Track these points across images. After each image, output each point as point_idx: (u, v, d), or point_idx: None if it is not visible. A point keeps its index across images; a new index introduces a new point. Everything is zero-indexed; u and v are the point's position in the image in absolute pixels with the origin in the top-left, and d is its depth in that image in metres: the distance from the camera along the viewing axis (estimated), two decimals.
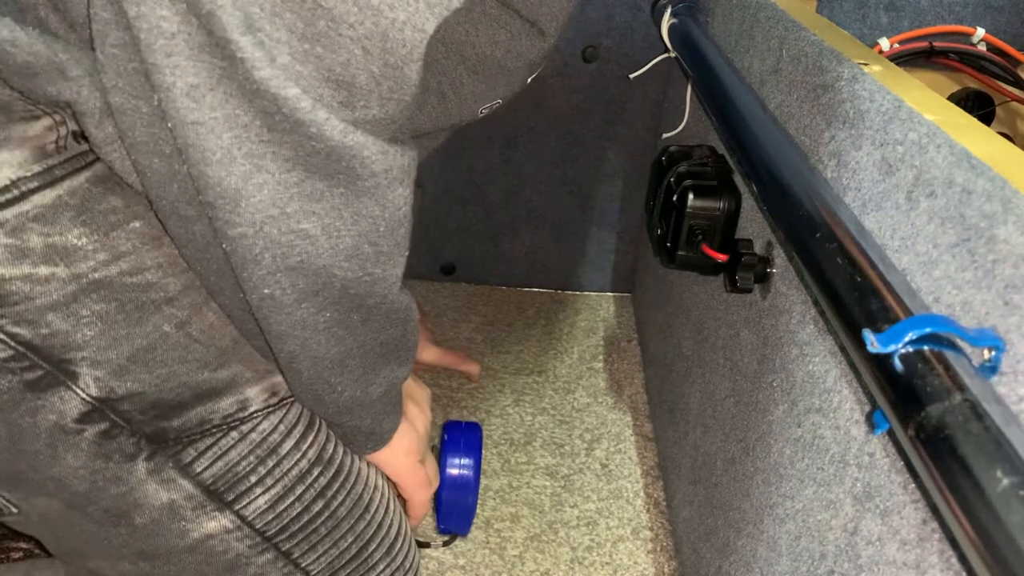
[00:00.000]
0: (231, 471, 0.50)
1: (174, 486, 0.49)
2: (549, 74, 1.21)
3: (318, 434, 0.54)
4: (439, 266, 1.39)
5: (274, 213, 0.39)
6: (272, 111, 0.36)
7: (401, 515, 0.61)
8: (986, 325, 0.33)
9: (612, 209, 1.33)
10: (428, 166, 0.83)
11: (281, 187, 0.39)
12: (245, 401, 0.50)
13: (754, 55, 0.68)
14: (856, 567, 0.44)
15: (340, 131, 0.38)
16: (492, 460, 1.02)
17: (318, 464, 0.53)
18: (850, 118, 0.48)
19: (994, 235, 0.33)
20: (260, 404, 0.51)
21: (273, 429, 0.51)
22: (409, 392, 0.61)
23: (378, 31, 0.36)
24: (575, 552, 0.91)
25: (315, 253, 0.42)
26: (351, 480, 0.56)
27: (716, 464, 0.74)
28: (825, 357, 0.50)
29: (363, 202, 0.41)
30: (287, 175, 0.39)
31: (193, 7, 0.34)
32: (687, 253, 0.70)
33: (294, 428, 0.52)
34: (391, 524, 0.59)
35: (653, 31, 1.04)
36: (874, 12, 1.12)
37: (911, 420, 0.31)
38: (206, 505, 0.50)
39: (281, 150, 0.38)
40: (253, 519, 0.52)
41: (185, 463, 0.49)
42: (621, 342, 1.28)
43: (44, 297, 0.42)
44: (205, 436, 0.49)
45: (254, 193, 0.39)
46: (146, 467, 0.48)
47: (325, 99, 0.37)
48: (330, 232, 0.41)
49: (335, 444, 0.55)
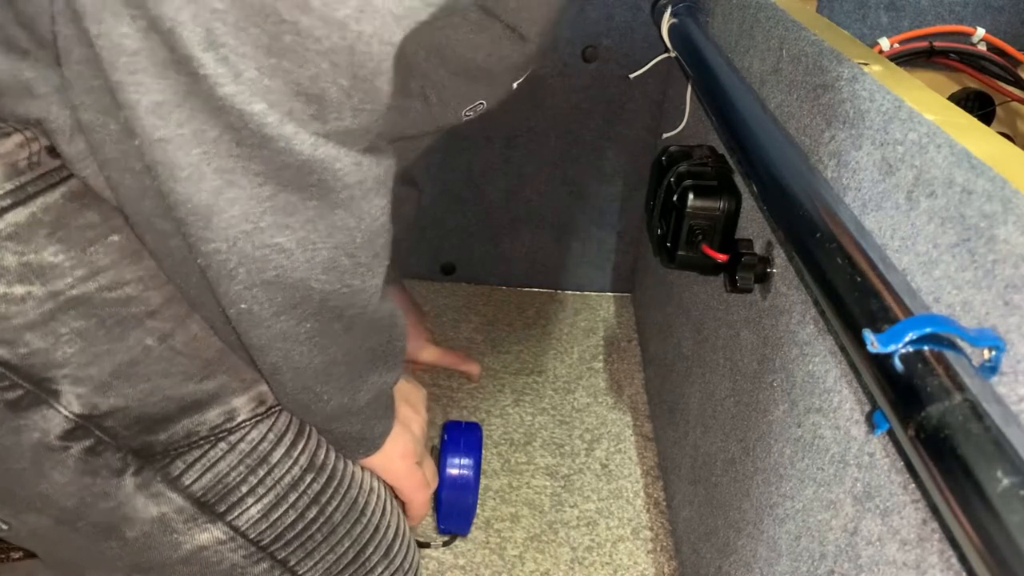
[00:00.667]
0: (221, 482, 0.50)
1: (163, 499, 0.49)
2: (549, 74, 1.21)
3: (309, 441, 0.53)
4: (439, 266, 1.39)
5: (247, 228, 0.39)
6: (239, 126, 0.36)
7: (399, 516, 0.61)
8: (986, 325, 0.33)
9: (612, 209, 1.33)
10: (424, 166, 0.84)
11: (253, 201, 0.39)
12: (232, 411, 0.50)
13: (754, 55, 0.68)
14: (856, 567, 0.44)
15: (310, 145, 0.37)
16: (492, 460, 1.02)
17: (310, 471, 0.53)
18: (850, 118, 0.48)
19: (994, 235, 0.33)
20: (248, 413, 0.50)
21: (262, 438, 0.51)
22: (403, 394, 0.61)
23: (345, 44, 0.35)
24: (575, 552, 0.91)
25: (291, 267, 0.41)
26: (345, 485, 0.55)
27: (716, 464, 0.74)
28: (825, 357, 0.50)
29: (338, 214, 0.41)
30: (259, 189, 0.38)
31: (154, 24, 0.34)
32: (687, 253, 0.70)
33: (284, 436, 0.52)
34: (388, 526, 0.59)
35: (653, 31, 1.04)
36: (874, 12, 1.12)
37: (911, 420, 0.31)
38: (197, 517, 0.50)
39: (251, 164, 0.38)
40: (246, 529, 0.51)
41: (174, 476, 0.48)
42: (621, 342, 1.28)
43: (20, 317, 0.42)
44: (193, 448, 0.49)
45: (226, 208, 0.38)
46: (134, 482, 0.48)
47: (295, 113, 0.37)
48: (305, 245, 0.41)
49: (327, 450, 0.55)
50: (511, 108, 1.24)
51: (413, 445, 0.60)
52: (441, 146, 1.26)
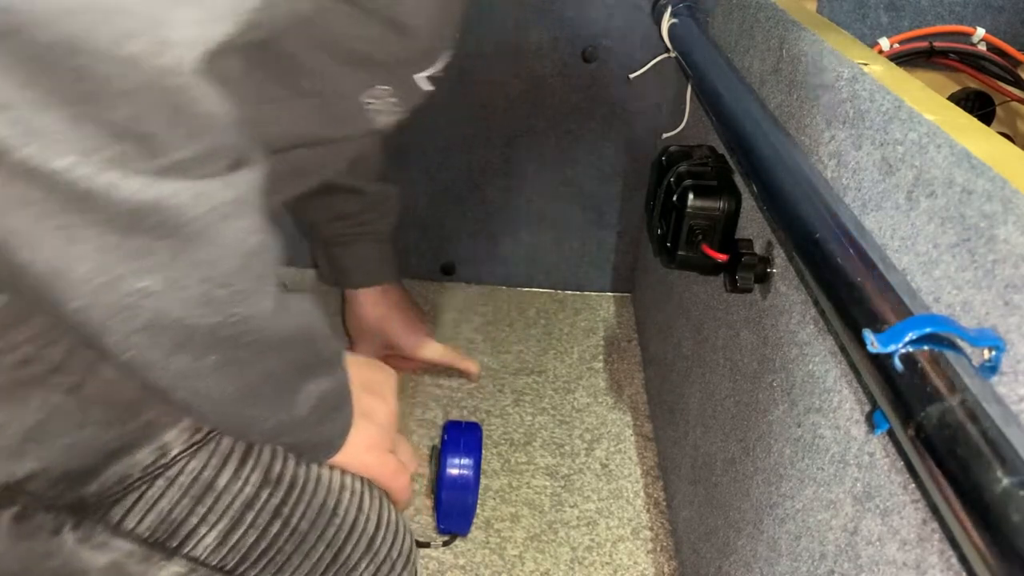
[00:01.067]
0: (166, 520, 0.48)
1: (110, 548, 0.47)
2: (549, 74, 1.21)
3: (260, 456, 0.52)
4: (439, 266, 1.39)
5: (104, 280, 0.37)
6: (55, 185, 0.34)
7: (381, 506, 0.60)
8: (986, 325, 0.33)
9: (612, 209, 1.33)
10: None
11: (102, 252, 0.36)
12: (164, 447, 0.48)
13: (754, 55, 0.68)
14: (856, 567, 0.44)
15: (138, 188, 0.35)
16: (492, 460, 1.02)
17: (266, 486, 0.52)
18: (850, 118, 0.48)
19: (994, 235, 0.33)
20: (183, 445, 0.49)
21: (204, 466, 0.49)
22: (364, 383, 0.58)
23: (147, 80, 0.34)
24: (575, 552, 0.91)
25: (165, 308, 0.39)
26: (309, 491, 0.54)
27: (716, 464, 0.74)
28: (825, 357, 0.50)
29: (196, 248, 0.39)
30: (104, 239, 0.36)
31: None
32: (687, 253, 0.70)
33: (228, 458, 0.50)
34: (367, 520, 0.58)
35: (653, 31, 1.04)
36: (874, 12, 1.12)
37: (911, 420, 0.31)
38: (151, 556, 0.48)
39: (87, 216, 0.35)
40: (206, 558, 0.50)
41: (115, 523, 0.47)
42: (621, 342, 1.28)
43: None
44: (129, 492, 0.47)
45: (75, 267, 0.36)
46: (74, 536, 0.46)
47: (120, 157, 0.34)
48: (172, 284, 0.39)
49: (284, 460, 0.53)
50: (511, 108, 1.24)
51: (379, 435, 0.58)
52: (441, 146, 1.26)
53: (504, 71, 1.21)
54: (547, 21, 1.17)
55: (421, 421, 1.07)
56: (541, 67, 1.21)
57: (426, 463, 0.98)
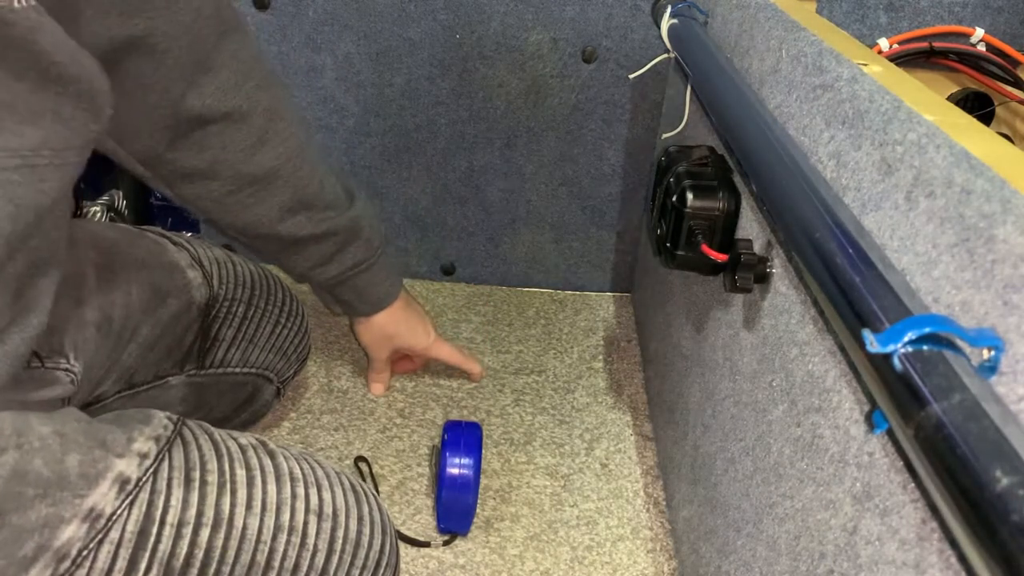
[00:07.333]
0: None
1: None
2: (549, 74, 1.21)
3: (159, 544, 0.50)
4: (439, 266, 1.39)
5: None
6: None
7: (334, 528, 0.58)
8: (985, 325, 0.33)
9: (612, 209, 1.33)
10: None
11: None
12: (62, 551, 0.46)
13: (754, 55, 0.68)
14: (856, 567, 0.44)
15: None
16: (492, 460, 1.02)
17: (184, 558, 0.50)
18: (850, 118, 0.48)
19: (993, 235, 0.33)
20: (83, 540, 0.47)
21: (113, 557, 0.48)
22: None
23: None
24: (575, 552, 0.91)
25: None
26: (230, 557, 0.52)
27: (716, 464, 0.74)
28: (825, 357, 0.50)
29: None
30: None
31: None
32: (687, 253, 0.70)
33: (137, 540, 0.49)
34: (315, 552, 0.56)
35: (653, 31, 1.04)
36: (874, 12, 1.12)
37: (911, 420, 0.32)
38: None
39: None
40: None
41: None
42: (621, 342, 1.28)
43: None
44: None
45: None
46: None
47: None
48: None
49: (192, 533, 0.51)
50: (511, 108, 1.24)
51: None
52: (441, 146, 1.26)
53: (504, 71, 1.21)
54: (547, 21, 1.17)
55: (421, 421, 1.07)
56: (541, 67, 1.21)
57: (426, 463, 0.98)
